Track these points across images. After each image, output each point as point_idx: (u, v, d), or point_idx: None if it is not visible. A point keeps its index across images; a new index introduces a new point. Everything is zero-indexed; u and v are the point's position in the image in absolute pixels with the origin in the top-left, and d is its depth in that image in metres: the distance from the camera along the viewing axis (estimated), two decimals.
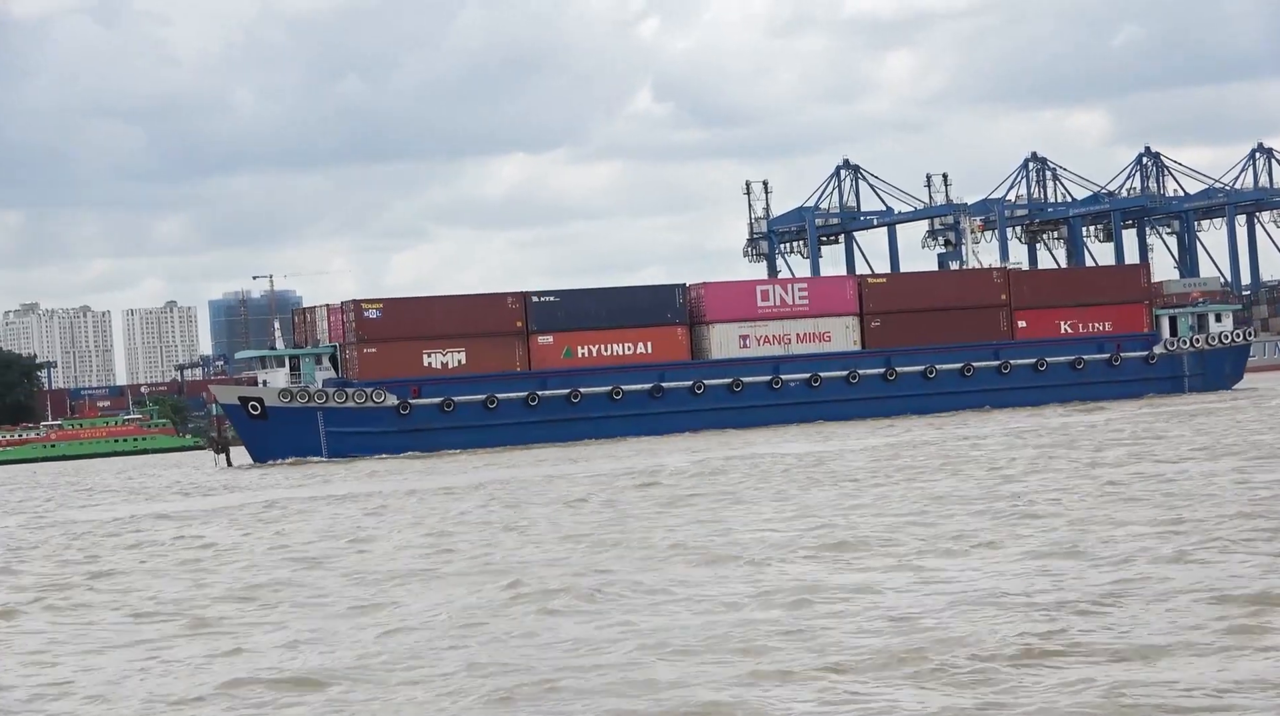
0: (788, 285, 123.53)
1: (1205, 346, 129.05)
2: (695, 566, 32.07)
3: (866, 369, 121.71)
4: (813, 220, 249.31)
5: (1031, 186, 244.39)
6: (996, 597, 25.09)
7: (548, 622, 25.76)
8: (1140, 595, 24.44)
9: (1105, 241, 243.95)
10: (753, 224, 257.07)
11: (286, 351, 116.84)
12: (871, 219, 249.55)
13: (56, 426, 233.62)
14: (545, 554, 36.22)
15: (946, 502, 42.01)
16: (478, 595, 29.76)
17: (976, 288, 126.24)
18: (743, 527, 39.12)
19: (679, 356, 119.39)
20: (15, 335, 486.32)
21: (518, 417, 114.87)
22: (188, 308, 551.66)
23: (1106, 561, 28.46)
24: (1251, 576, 25.51)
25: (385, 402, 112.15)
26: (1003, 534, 33.82)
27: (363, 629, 26.54)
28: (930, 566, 29.53)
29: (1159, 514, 35.51)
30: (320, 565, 37.46)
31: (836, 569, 30.35)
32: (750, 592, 27.41)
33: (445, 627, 26.05)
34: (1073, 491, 42.95)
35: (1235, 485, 41.29)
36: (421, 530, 45.41)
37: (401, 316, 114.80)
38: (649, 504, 49.64)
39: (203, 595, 33.08)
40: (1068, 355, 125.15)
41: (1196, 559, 28.04)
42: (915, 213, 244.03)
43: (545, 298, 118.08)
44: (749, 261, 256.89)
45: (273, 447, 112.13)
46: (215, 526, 53.95)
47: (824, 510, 42.56)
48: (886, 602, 25.49)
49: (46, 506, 79.96)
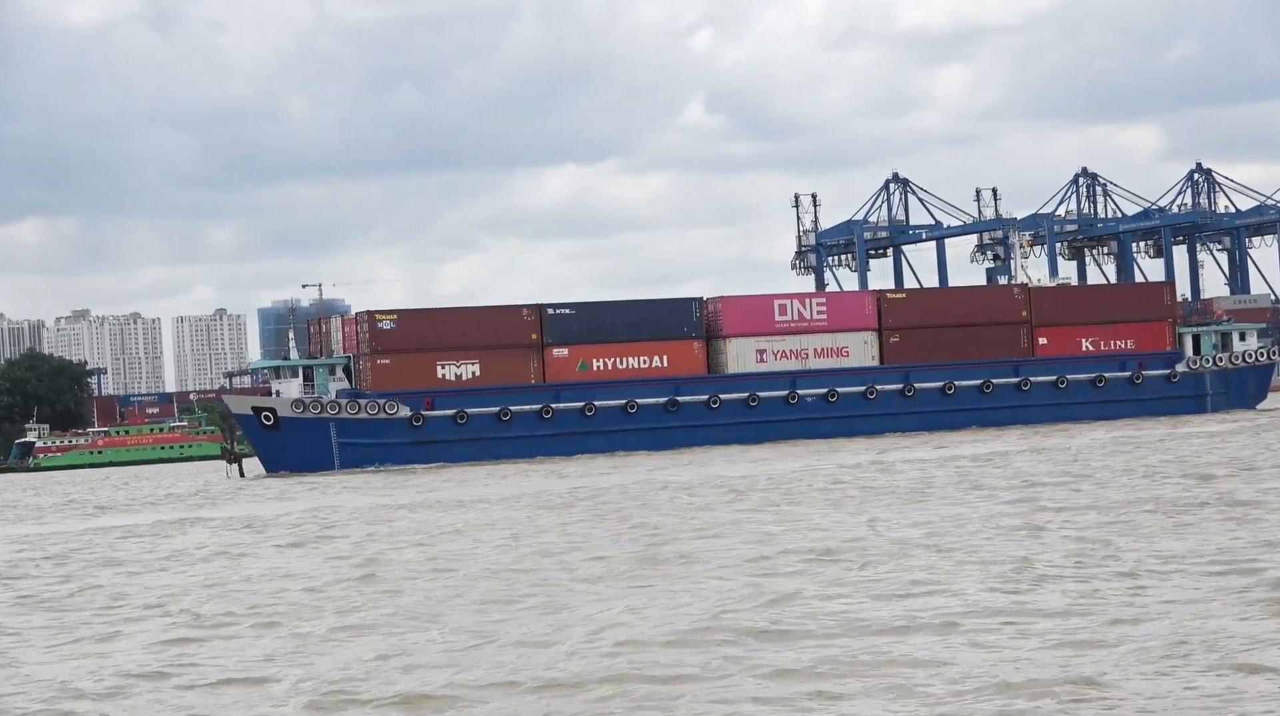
0: (805, 300, 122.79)
1: (1229, 365, 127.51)
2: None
3: (885, 385, 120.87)
4: (861, 233, 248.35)
5: (1081, 202, 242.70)
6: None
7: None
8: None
9: (1156, 257, 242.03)
10: (801, 237, 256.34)
11: (300, 361, 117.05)
12: (920, 233, 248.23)
13: (103, 433, 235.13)
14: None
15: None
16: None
17: (997, 304, 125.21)
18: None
19: (695, 370, 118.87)
20: (66, 342, 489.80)
21: (531, 430, 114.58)
22: (237, 315, 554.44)
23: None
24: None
25: (398, 414, 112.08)
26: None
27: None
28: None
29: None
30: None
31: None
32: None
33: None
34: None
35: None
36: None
37: (416, 328, 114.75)
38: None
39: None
40: (1089, 373, 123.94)
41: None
42: (964, 227, 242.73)
43: (560, 310, 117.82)
44: (797, 274, 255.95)
45: (285, 458, 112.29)
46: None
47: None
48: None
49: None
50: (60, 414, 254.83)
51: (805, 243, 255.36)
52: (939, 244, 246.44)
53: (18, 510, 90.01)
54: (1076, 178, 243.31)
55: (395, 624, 29.50)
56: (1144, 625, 24.46)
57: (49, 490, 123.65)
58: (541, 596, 32.21)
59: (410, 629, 28.69)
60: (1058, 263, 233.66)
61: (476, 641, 26.75)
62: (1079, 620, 25.21)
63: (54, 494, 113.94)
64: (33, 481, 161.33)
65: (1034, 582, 29.78)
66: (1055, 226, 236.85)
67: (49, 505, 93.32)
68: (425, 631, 28.23)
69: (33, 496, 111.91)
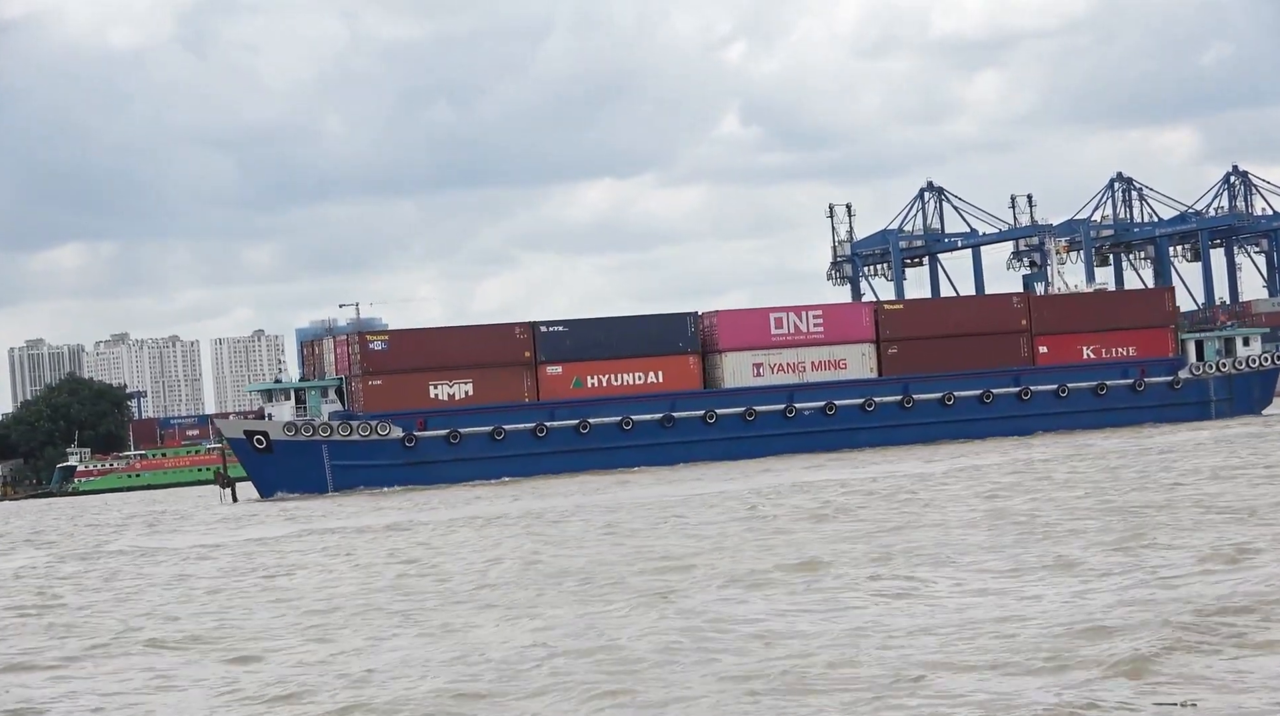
0: (802, 312, 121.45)
1: (1232, 370, 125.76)
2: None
3: (883, 396, 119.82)
4: (896, 242, 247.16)
5: (1117, 207, 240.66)
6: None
7: None
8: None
9: (1193, 261, 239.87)
10: (836, 247, 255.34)
11: (293, 384, 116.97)
12: (955, 241, 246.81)
13: (140, 456, 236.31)
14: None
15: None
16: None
17: (996, 313, 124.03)
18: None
19: (691, 386, 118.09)
20: (106, 365, 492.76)
21: (526, 449, 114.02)
22: (275, 336, 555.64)
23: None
24: None
25: (390, 435, 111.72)
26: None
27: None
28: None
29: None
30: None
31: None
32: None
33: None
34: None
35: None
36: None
37: (408, 348, 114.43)
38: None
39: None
40: (1090, 381, 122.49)
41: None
42: (1000, 234, 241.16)
43: (554, 327, 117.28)
44: (833, 284, 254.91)
45: (277, 481, 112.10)
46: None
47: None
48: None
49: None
50: (102, 437, 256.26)
51: (840, 253, 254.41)
52: (975, 252, 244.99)
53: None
54: (1112, 182, 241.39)
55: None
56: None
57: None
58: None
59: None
60: (1094, 268, 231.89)
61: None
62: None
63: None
64: (65, 505, 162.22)
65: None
66: (1091, 232, 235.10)
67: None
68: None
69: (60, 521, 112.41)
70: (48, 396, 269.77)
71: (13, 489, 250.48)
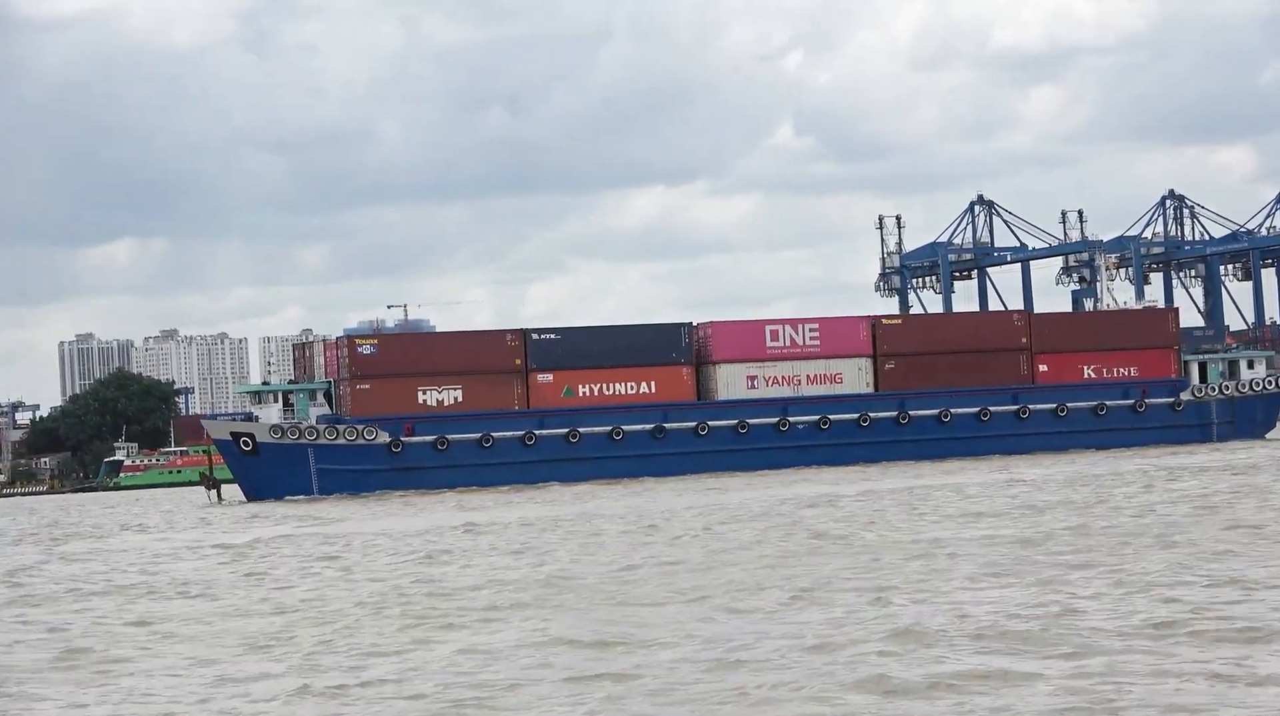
0: (798, 325, 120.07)
1: (1235, 393, 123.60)
2: None
3: (878, 412, 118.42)
4: (945, 255, 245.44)
5: (1168, 224, 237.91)
6: None
7: None
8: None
9: (1244, 280, 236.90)
10: (885, 258, 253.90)
11: (281, 386, 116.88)
12: (1005, 254, 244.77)
13: (182, 452, 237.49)
14: None
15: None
16: None
17: (996, 330, 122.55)
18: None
19: (684, 397, 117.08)
20: (155, 361, 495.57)
21: (514, 457, 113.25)
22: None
23: None
24: None
25: (377, 440, 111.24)
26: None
27: None
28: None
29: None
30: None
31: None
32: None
33: None
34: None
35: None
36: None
37: (397, 353, 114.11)
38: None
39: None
40: (1090, 401, 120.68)
41: None
42: (1049, 249, 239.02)
43: (545, 335, 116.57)
44: (881, 296, 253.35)
45: (264, 484, 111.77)
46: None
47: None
48: None
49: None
50: (148, 433, 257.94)
51: (889, 265, 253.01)
52: (1024, 266, 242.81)
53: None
54: (1163, 200, 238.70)
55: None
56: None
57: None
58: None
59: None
60: (1144, 286, 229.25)
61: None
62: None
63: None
64: (84, 500, 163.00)
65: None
66: (1141, 249, 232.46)
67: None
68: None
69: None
70: (96, 391, 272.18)
71: (60, 482, 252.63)
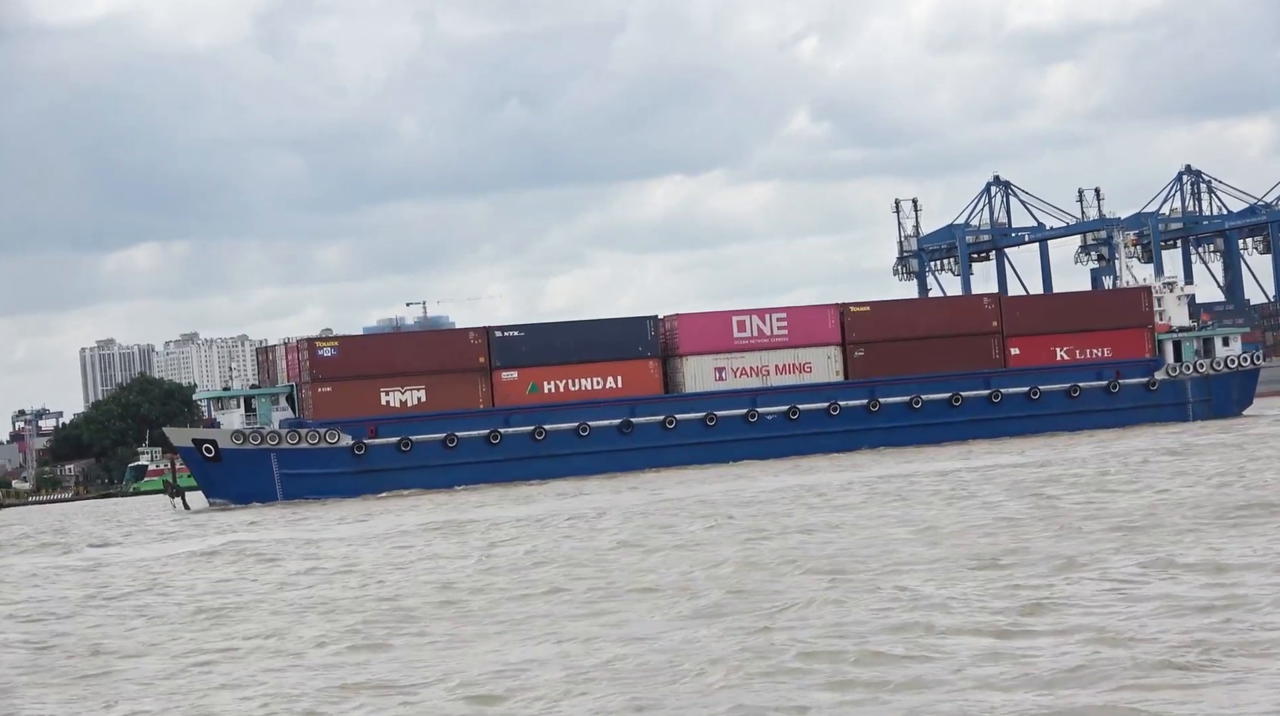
0: (765, 315, 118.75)
1: (1210, 371, 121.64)
2: None
3: (848, 400, 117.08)
4: (963, 237, 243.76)
5: (1186, 199, 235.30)
6: None
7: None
8: None
9: (1264, 253, 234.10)
10: (902, 242, 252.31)
11: (242, 391, 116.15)
12: (1022, 235, 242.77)
13: None
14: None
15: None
16: None
17: (966, 315, 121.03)
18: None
19: (651, 390, 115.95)
20: (176, 365, 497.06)
21: (479, 456, 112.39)
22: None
23: None
24: None
25: (339, 443, 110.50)
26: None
27: None
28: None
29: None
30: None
31: None
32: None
33: None
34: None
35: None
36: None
37: (357, 354, 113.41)
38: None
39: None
40: (1063, 383, 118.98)
41: None
42: (1067, 228, 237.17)
43: (509, 332, 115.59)
44: (899, 280, 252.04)
45: (227, 490, 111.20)
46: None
47: None
48: None
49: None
50: None
51: (907, 248, 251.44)
52: (1042, 246, 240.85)
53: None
54: (1180, 175, 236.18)
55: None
56: None
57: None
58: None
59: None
60: (1163, 262, 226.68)
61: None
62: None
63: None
64: (95, 507, 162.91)
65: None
66: (1159, 225, 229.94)
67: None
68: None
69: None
70: (118, 396, 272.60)
71: (85, 488, 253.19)
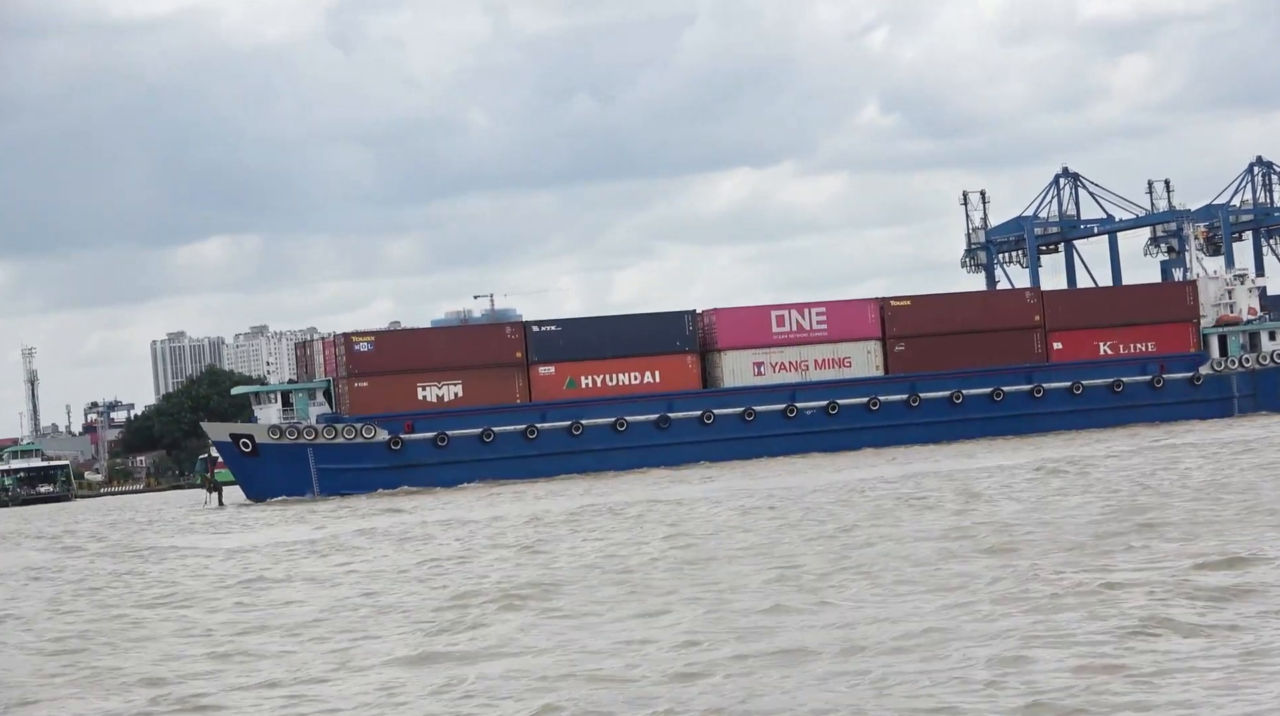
0: (805, 310, 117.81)
1: (1257, 366, 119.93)
2: None
3: (888, 395, 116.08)
4: (1031, 229, 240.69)
5: (1257, 191, 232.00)
6: None
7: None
8: None
9: None
10: (970, 234, 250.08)
11: (280, 386, 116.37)
12: (1091, 227, 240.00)
13: None
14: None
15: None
16: None
17: (1008, 309, 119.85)
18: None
19: (689, 385, 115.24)
20: (245, 357, 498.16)
21: (516, 451, 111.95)
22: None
23: None
24: None
25: (376, 438, 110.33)
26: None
27: None
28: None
29: None
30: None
31: None
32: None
33: None
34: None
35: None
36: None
37: (394, 349, 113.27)
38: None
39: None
40: (1106, 377, 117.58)
41: None
42: (1136, 220, 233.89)
43: (546, 327, 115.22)
44: (967, 272, 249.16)
45: (264, 485, 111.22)
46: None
47: None
48: None
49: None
50: None
51: (975, 241, 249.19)
52: (1111, 238, 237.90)
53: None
54: (1251, 167, 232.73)
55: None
56: None
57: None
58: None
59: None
60: (1234, 254, 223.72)
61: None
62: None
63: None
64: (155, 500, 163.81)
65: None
66: (1230, 217, 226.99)
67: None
68: None
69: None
70: (188, 388, 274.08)
71: (155, 480, 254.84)
